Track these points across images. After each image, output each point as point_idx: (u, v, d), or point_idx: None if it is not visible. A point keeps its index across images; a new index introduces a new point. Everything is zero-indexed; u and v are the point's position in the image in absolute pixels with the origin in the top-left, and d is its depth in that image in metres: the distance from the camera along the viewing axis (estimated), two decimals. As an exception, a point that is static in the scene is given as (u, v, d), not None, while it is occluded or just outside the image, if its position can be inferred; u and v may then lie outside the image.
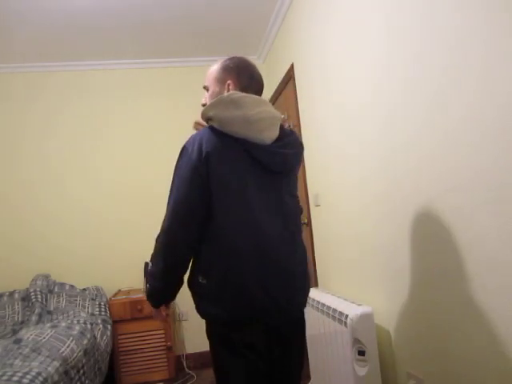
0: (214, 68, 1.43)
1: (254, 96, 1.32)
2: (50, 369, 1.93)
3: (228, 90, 1.37)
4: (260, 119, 1.27)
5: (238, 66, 1.39)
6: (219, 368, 1.31)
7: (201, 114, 1.34)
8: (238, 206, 1.26)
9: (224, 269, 1.24)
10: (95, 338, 2.61)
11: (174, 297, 1.38)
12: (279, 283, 1.26)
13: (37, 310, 2.85)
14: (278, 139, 1.33)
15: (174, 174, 1.32)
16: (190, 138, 1.32)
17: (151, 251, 1.26)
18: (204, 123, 1.37)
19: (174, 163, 1.33)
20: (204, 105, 1.41)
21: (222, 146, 1.26)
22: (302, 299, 1.36)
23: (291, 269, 1.29)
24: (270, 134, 1.30)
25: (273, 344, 1.32)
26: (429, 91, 1.35)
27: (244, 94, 1.29)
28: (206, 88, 1.45)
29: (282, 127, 1.37)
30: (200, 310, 1.31)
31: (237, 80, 1.38)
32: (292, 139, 1.39)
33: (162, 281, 1.33)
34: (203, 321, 1.35)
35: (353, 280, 2.11)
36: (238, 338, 1.26)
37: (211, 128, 1.30)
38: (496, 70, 1.07)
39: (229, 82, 1.38)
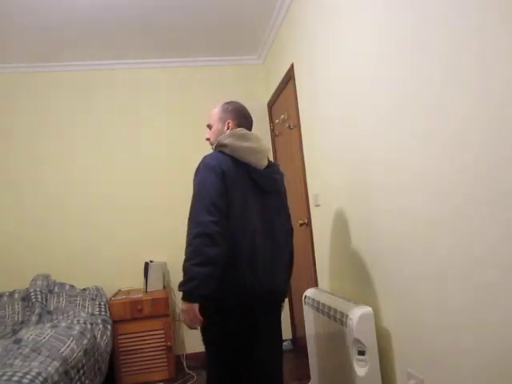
0: (216, 110, 1.82)
1: (255, 134, 1.73)
2: (50, 369, 1.93)
3: (228, 127, 1.77)
4: (260, 151, 1.69)
5: (235, 109, 1.80)
6: (211, 335, 1.64)
7: (217, 142, 1.69)
8: (241, 213, 1.60)
9: (226, 261, 1.54)
10: (95, 337, 2.61)
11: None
12: (266, 274, 1.62)
13: (37, 310, 2.85)
14: (268, 167, 1.74)
15: (199, 181, 1.60)
16: (207, 157, 1.65)
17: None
18: None
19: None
20: (208, 139, 1.83)
21: (233, 167, 1.63)
22: (283, 287, 1.73)
23: (275, 271, 1.66)
24: (264, 163, 1.72)
25: (260, 318, 1.66)
26: (430, 92, 1.35)
27: (249, 132, 1.73)
28: (209, 126, 1.83)
29: (267, 158, 1.78)
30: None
31: (235, 119, 1.78)
32: (276, 168, 1.81)
33: (216, 265, 1.50)
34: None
35: (353, 280, 2.11)
36: (233, 316, 1.59)
37: (221, 152, 1.67)
38: (493, 70, 1.07)
39: (228, 121, 1.77)
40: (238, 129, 1.71)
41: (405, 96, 1.50)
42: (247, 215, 1.61)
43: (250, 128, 1.81)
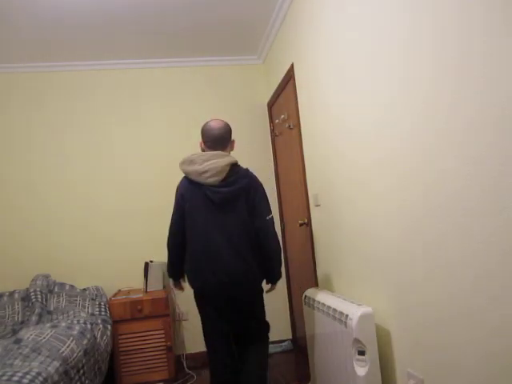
0: None
1: (208, 154, 2.06)
2: (50, 369, 1.93)
3: (202, 149, 2.19)
4: (206, 171, 2.02)
5: (202, 130, 2.17)
6: (200, 314, 2.19)
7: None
8: (195, 225, 2.07)
9: (190, 263, 2.09)
10: (95, 337, 2.61)
11: (180, 269, 2.20)
12: (222, 272, 2.01)
13: (37, 310, 2.85)
14: (224, 179, 2.03)
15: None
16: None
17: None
18: None
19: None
20: None
21: (189, 188, 2.09)
22: (243, 282, 2.06)
23: (231, 264, 2.01)
24: (215, 179, 2.02)
25: (229, 307, 2.11)
26: (429, 91, 1.35)
27: (200, 154, 2.08)
28: None
29: (235, 168, 2.08)
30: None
31: (202, 138, 2.17)
32: (234, 178, 2.06)
33: (169, 262, 2.21)
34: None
35: (353, 280, 2.11)
36: (205, 303, 2.13)
37: (185, 176, 2.13)
38: (494, 70, 1.07)
39: (200, 142, 2.19)
40: (189, 154, 2.10)
41: (405, 96, 1.50)
42: (200, 223, 2.05)
43: (216, 140, 2.13)
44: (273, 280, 2.21)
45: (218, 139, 2.13)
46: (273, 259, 2.14)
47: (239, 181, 2.06)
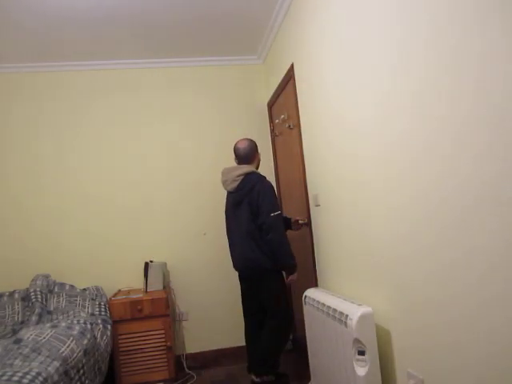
0: None
1: (230, 167, 2.70)
2: (50, 369, 1.93)
3: None
4: (226, 180, 2.67)
5: (233, 147, 2.78)
6: None
7: None
8: (226, 219, 2.78)
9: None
10: (95, 338, 2.61)
11: None
12: (239, 256, 2.64)
13: (37, 310, 2.85)
14: (238, 186, 2.61)
15: None
16: None
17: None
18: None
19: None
20: None
21: (227, 195, 2.76)
22: (250, 266, 2.59)
23: (242, 250, 2.59)
24: (231, 186, 2.64)
25: (247, 282, 2.72)
26: (431, 92, 1.35)
27: (226, 167, 2.73)
28: None
29: (248, 176, 2.61)
30: None
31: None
32: (242, 185, 2.60)
33: None
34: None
35: (353, 280, 2.11)
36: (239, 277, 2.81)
37: None
38: (494, 71, 1.07)
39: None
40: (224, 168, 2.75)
41: (405, 96, 1.50)
42: (227, 219, 2.76)
43: (238, 156, 2.72)
44: (285, 270, 2.60)
45: (241, 157, 2.71)
46: (275, 251, 2.49)
47: (246, 186, 2.57)
